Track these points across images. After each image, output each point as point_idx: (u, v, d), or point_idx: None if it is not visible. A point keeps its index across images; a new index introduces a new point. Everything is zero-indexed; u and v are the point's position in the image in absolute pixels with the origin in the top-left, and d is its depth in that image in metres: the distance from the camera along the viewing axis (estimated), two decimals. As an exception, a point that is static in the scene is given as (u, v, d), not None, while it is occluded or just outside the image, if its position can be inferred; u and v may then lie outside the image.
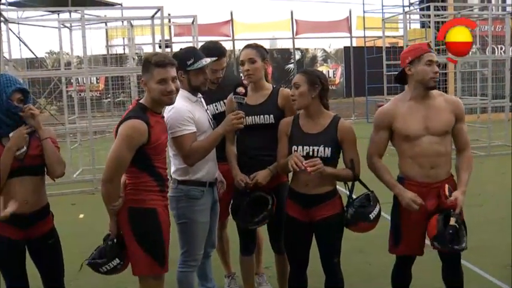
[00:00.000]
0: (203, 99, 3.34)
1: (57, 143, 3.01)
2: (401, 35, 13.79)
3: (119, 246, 2.84)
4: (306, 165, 2.86)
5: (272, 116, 3.30)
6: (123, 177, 2.86)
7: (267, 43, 21.02)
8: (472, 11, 12.80)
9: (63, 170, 3.01)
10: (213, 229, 3.41)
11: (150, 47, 12.25)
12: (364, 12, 17.57)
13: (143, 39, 14.16)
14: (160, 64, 2.76)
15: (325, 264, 3.14)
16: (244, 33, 17.77)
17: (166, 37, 13.62)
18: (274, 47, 22.87)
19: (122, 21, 12.78)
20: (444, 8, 13.23)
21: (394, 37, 16.94)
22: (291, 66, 19.58)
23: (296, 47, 19.22)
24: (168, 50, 10.97)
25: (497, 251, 4.63)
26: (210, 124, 3.22)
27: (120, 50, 15.94)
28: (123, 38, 14.99)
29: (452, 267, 3.15)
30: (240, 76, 3.65)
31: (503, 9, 15.45)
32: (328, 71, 21.90)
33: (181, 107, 3.02)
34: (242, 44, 9.88)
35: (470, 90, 12.39)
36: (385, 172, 3.09)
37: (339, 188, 3.15)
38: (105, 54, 14.94)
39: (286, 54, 20.49)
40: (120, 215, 2.82)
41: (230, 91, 3.25)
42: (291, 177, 3.24)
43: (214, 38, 15.43)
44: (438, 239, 2.88)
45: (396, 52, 14.26)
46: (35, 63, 15.40)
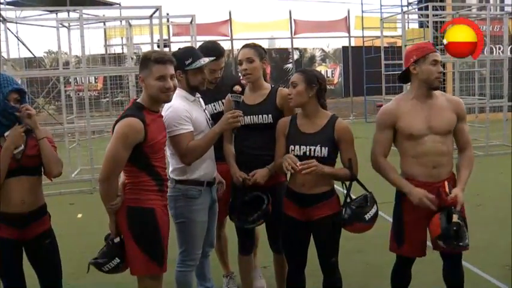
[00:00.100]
0: (201, 99, 3.34)
1: (53, 143, 3.01)
2: (400, 34, 13.80)
3: (119, 245, 2.84)
4: (301, 167, 2.87)
5: (270, 116, 3.29)
6: (122, 177, 2.86)
7: (265, 43, 21.04)
8: (470, 10, 12.80)
9: (61, 170, 3.00)
10: (211, 229, 3.42)
11: (148, 47, 12.25)
12: (362, 12, 17.61)
13: (141, 39, 14.21)
14: (159, 61, 2.77)
15: (323, 263, 3.14)
16: (243, 33, 17.77)
17: (165, 37, 13.65)
18: (273, 47, 22.84)
19: (120, 21, 12.78)
20: (442, 8, 13.23)
21: (393, 37, 16.96)
22: (290, 66, 19.55)
23: (294, 46, 19.23)
24: (166, 49, 10.96)
25: (496, 251, 4.63)
26: (208, 124, 3.22)
27: (118, 50, 15.95)
28: (122, 38, 14.99)
29: (454, 267, 3.13)
30: (238, 76, 3.65)
31: (501, 9, 15.45)
32: (326, 71, 21.87)
33: (178, 107, 3.02)
34: (240, 44, 9.89)
35: (469, 90, 12.39)
36: (392, 171, 3.06)
37: (337, 188, 3.14)
38: (103, 54, 14.93)
39: (284, 54, 20.46)
40: (118, 214, 2.81)
41: (228, 91, 3.25)
42: (289, 176, 3.24)
43: (213, 38, 15.47)
44: (443, 237, 2.85)
45: (395, 52, 14.29)
46: (33, 63, 15.38)
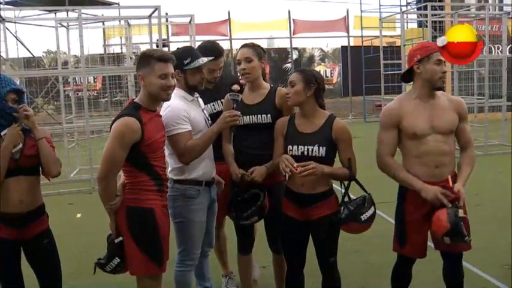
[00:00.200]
0: (200, 99, 3.34)
1: (52, 143, 3.01)
2: (399, 34, 13.84)
3: (119, 246, 2.83)
4: (299, 170, 2.87)
5: (269, 116, 3.29)
6: (122, 177, 2.86)
7: (264, 42, 21.05)
8: (469, 10, 12.80)
9: (59, 170, 3.00)
10: (210, 228, 3.41)
11: (147, 47, 12.22)
12: (361, 11, 17.63)
13: (140, 39, 14.19)
14: (162, 59, 2.79)
15: (322, 263, 3.14)
16: (242, 33, 17.78)
17: (164, 36, 13.63)
18: (272, 47, 22.83)
19: (119, 21, 12.76)
20: (441, 8, 13.24)
21: (392, 37, 16.98)
22: (289, 65, 19.53)
23: (293, 46, 19.23)
24: (165, 49, 10.96)
25: (495, 251, 4.63)
26: (207, 123, 3.22)
27: (117, 50, 15.97)
28: (121, 38, 15.01)
29: (454, 267, 3.13)
30: (237, 75, 3.64)
31: (500, 9, 15.48)
32: (325, 71, 21.87)
33: (176, 106, 3.03)
34: (239, 44, 9.88)
35: (467, 89, 12.39)
36: (401, 169, 3.04)
37: (336, 188, 3.14)
38: (102, 54, 14.93)
39: (283, 53, 20.44)
40: (118, 214, 2.81)
41: (227, 91, 3.25)
42: (287, 176, 3.23)
43: (212, 38, 15.43)
44: (451, 233, 2.79)
45: (393, 52, 14.32)
46: (32, 63, 15.35)
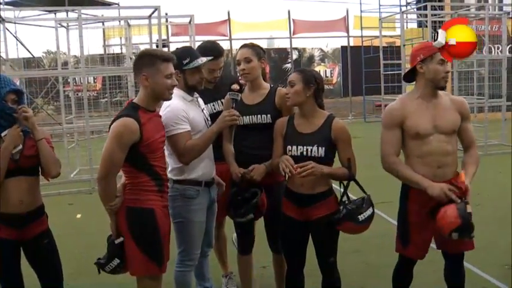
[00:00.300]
0: (201, 99, 3.34)
1: (51, 143, 3.01)
2: (399, 34, 13.84)
3: (119, 246, 2.83)
4: (298, 171, 2.87)
5: (269, 116, 3.29)
6: (123, 178, 2.86)
7: (264, 43, 21.06)
8: (468, 10, 12.80)
9: (59, 171, 3.01)
10: (210, 229, 3.41)
11: (147, 47, 12.23)
12: (361, 11, 17.65)
13: (140, 39, 14.18)
14: (167, 59, 2.81)
15: (322, 263, 3.14)
16: (242, 33, 17.78)
17: (164, 37, 13.64)
18: (272, 47, 22.85)
19: (119, 21, 12.76)
20: (441, 8, 13.25)
21: (391, 37, 16.99)
22: (288, 65, 19.55)
23: (293, 46, 19.23)
24: (165, 49, 10.96)
25: (495, 251, 4.63)
26: (206, 124, 3.21)
27: (117, 50, 15.98)
28: (120, 38, 15.02)
29: (455, 267, 3.13)
30: (237, 76, 3.65)
31: (499, 9, 15.48)
32: (325, 71, 21.90)
33: (175, 106, 3.03)
34: (239, 44, 9.89)
35: (467, 89, 12.40)
36: (406, 168, 3.02)
37: (336, 188, 3.15)
38: (102, 54, 14.95)
39: (283, 53, 20.46)
40: (118, 214, 2.81)
41: (227, 90, 3.25)
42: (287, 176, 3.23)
43: (212, 38, 15.43)
44: (461, 228, 2.77)
45: (393, 52, 14.32)
46: (32, 63, 15.36)
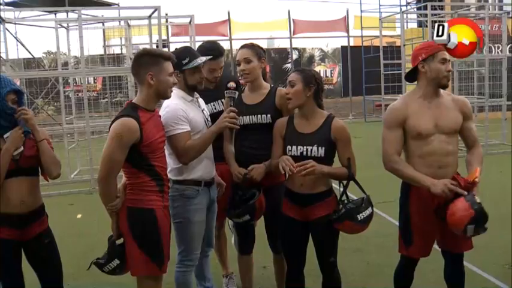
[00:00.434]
0: (201, 99, 3.34)
1: (51, 144, 3.01)
2: (399, 34, 13.85)
3: (120, 246, 2.84)
4: (297, 169, 2.87)
5: (269, 116, 3.29)
6: (124, 179, 2.86)
7: (264, 43, 21.08)
8: (469, 10, 12.81)
9: (59, 171, 3.01)
10: (210, 229, 3.41)
11: (147, 47, 12.24)
12: (361, 11, 17.65)
13: (140, 39, 14.19)
14: (168, 58, 2.84)
15: (322, 263, 3.14)
16: (242, 33, 17.80)
17: (164, 37, 13.65)
18: (272, 47, 22.87)
19: (119, 21, 12.78)
20: (441, 8, 13.26)
21: (392, 36, 17.00)
22: (289, 65, 19.55)
23: (293, 46, 19.25)
24: (165, 50, 10.96)
25: (496, 250, 4.63)
26: (206, 124, 3.21)
27: (117, 50, 16.00)
28: (121, 38, 15.01)
29: (455, 266, 3.13)
30: (237, 76, 3.65)
31: (500, 9, 15.47)
32: (325, 71, 21.89)
33: (175, 106, 3.03)
34: (239, 44, 9.90)
35: (468, 89, 12.40)
36: (408, 167, 3.02)
37: (336, 188, 3.15)
38: (102, 54, 14.97)
39: (283, 53, 20.45)
40: (119, 215, 2.82)
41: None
42: (287, 176, 3.23)
43: (212, 38, 15.47)
44: (476, 219, 2.74)
45: (393, 52, 14.33)
46: (32, 64, 15.37)
